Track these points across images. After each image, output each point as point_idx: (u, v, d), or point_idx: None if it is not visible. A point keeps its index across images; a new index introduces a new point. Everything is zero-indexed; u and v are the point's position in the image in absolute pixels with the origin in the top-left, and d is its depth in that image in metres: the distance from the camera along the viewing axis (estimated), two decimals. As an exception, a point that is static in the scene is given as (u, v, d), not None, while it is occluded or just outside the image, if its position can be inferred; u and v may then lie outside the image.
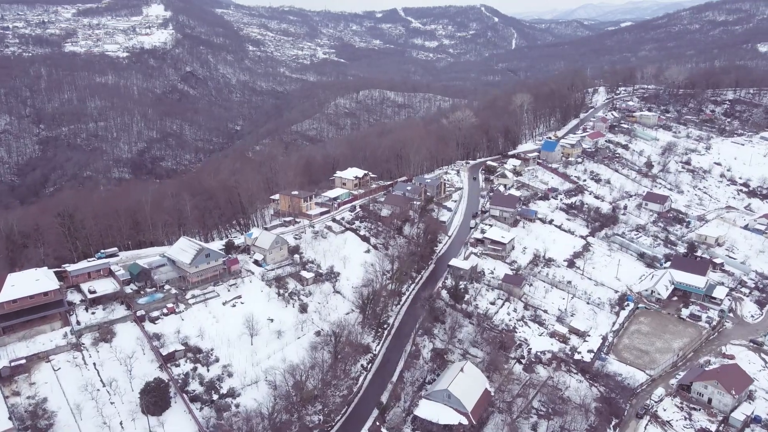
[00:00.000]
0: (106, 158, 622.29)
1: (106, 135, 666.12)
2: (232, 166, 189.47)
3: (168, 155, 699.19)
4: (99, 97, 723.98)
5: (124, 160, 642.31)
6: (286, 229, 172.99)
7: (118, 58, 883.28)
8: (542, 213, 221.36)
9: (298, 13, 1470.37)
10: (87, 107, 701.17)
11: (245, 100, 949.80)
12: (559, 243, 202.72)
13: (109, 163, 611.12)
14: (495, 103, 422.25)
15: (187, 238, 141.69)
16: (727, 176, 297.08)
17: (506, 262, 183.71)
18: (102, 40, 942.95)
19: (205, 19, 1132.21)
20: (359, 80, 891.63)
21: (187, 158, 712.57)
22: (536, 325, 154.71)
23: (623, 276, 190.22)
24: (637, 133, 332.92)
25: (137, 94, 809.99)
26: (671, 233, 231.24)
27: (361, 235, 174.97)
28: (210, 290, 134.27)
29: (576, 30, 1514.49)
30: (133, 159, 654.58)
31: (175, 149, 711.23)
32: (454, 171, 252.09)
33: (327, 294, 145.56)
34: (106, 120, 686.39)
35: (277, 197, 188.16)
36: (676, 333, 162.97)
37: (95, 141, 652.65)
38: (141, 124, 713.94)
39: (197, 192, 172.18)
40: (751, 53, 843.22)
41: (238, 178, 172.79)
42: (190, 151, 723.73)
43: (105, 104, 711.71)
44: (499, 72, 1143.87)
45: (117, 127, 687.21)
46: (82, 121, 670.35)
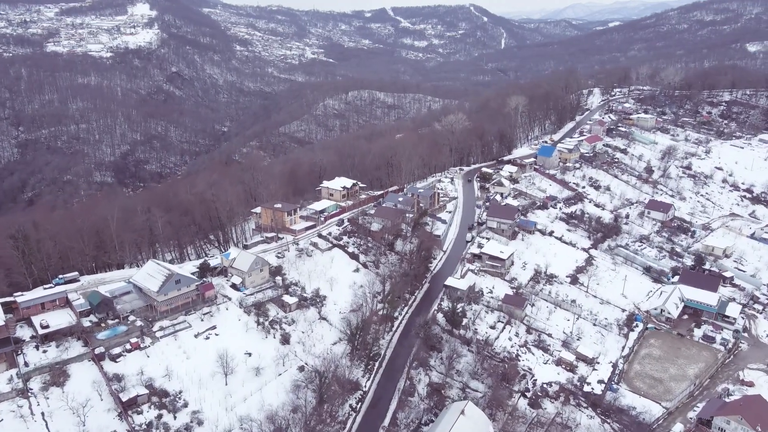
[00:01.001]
0: (88, 162, 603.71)
1: (88, 137, 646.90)
2: (209, 178, 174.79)
3: (152, 158, 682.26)
4: (81, 99, 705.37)
5: (106, 163, 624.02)
6: (268, 246, 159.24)
7: (102, 59, 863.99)
8: (541, 224, 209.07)
9: (287, 13, 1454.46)
10: (68, 109, 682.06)
11: (232, 101, 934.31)
12: (561, 257, 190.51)
13: (91, 167, 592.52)
14: (488, 104, 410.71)
15: (155, 262, 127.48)
16: (729, 182, 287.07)
17: (506, 279, 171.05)
18: (85, 40, 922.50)
19: (191, 19, 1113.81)
20: (348, 80, 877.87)
21: (172, 161, 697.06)
22: (540, 352, 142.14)
23: (630, 292, 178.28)
24: (635, 136, 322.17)
25: (121, 95, 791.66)
26: (676, 244, 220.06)
27: (349, 253, 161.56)
28: (181, 321, 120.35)
29: (565, 30, 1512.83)
30: (116, 162, 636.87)
31: (159, 152, 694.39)
32: (448, 179, 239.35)
33: (312, 321, 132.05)
34: (88, 122, 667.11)
35: (259, 210, 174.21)
36: (690, 357, 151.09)
37: (77, 144, 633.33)
38: (124, 126, 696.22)
39: (171, 207, 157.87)
40: (740, 53, 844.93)
41: (216, 191, 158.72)
42: (176, 153, 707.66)
43: (87, 106, 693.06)
44: (488, 72, 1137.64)
45: (99, 129, 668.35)
46: (63, 123, 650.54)
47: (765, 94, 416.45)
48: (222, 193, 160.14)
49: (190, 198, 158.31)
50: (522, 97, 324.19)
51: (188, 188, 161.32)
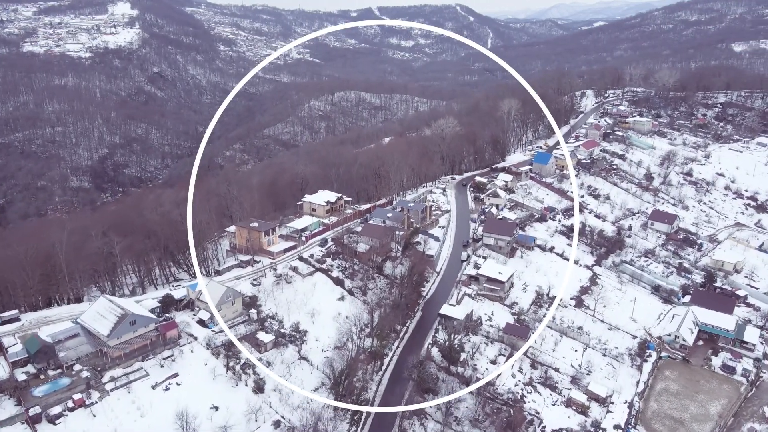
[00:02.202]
0: (64, 166, 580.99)
1: (64, 141, 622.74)
2: (177, 195, 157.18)
3: (132, 162, 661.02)
4: (58, 100, 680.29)
5: (83, 167, 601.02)
6: (243, 271, 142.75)
7: (80, 59, 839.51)
8: (541, 238, 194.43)
9: (272, 12, 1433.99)
10: (44, 111, 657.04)
11: (216, 102, 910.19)
12: (563, 275, 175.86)
13: (67, 172, 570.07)
14: (478, 106, 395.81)
15: (107, 299, 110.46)
16: (732, 189, 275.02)
17: (505, 304, 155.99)
18: (63, 40, 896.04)
19: (174, 18, 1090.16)
20: (334, 81, 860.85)
21: (153, 164, 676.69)
22: (548, 391, 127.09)
23: (639, 315, 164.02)
24: (632, 141, 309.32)
25: (100, 97, 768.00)
26: (683, 258, 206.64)
27: (333, 278, 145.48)
28: (137, 368, 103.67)
29: (550, 29, 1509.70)
30: (94, 166, 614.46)
31: (140, 155, 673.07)
32: (440, 189, 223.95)
33: (290, 363, 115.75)
34: (65, 125, 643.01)
35: (233, 230, 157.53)
36: (711, 392, 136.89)
37: (52, 147, 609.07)
38: (103, 128, 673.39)
39: (131, 229, 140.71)
40: (726, 53, 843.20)
41: (184, 211, 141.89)
42: (157, 156, 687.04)
43: (64, 108, 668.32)
44: (476, 72, 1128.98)
45: (77, 132, 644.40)
46: (38, 126, 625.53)
47: (760, 95, 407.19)
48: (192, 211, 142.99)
49: (155, 218, 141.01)
50: (515, 100, 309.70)
51: (154, 206, 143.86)
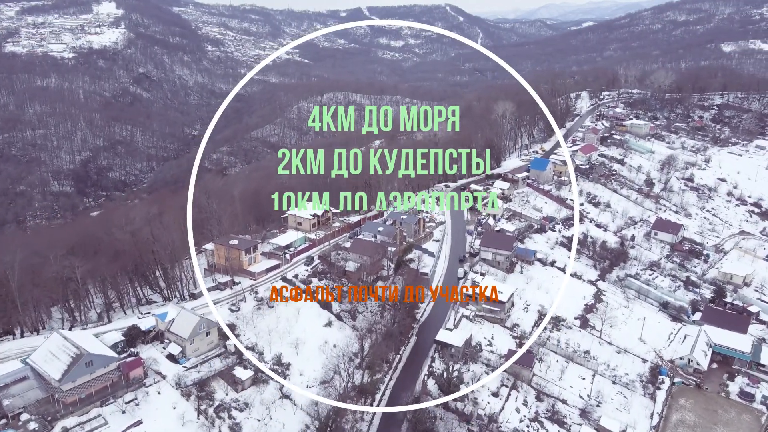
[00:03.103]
0: (44, 170, 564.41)
1: (45, 144, 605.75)
2: (147, 211, 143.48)
3: (116, 165, 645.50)
4: (39, 102, 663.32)
5: (65, 171, 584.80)
6: (221, 294, 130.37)
7: (63, 59, 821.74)
8: (541, 251, 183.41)
9: (260, 12, 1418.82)
10: (25, 113, 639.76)
11: (203, 103, 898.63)
12: (566, 292, 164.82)
13: (47, 176, 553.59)
14: (471, 108, 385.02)
15: (61, 335, 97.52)
16: (735, 195, 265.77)
17: (506, 326, 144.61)
18: (47, 40, 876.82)
19: (160, 18, 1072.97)
20: (323, 81, 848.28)
21: (138, 167, 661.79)
22: (556, 427, 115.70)
23: (648, 335, 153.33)
24: (631, 145, 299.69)
25: (83, 98, 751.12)
26: (690, 270, 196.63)
27: (320, 301, 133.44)
28: (94, 416, 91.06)
29: (540, 29, 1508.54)
30: (76, 170, 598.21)
31: (124, 158, 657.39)
32: (434, 198, 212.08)
33: (271, 403, 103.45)
34: (46, 127, 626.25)
35: (212, 247, 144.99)
36: (730, 423, 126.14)
37: (33, 151, 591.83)
38: (86, 131, 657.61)
39: (97, 250, 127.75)
40: (716, 53, 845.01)
41: (156, 230, 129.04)
42: (142, 159, 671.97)
43: (46, 110, 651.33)
44: (466, 72, 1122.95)
45: (59, 134, 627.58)
46: (19, 128, 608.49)
47: (756, 97, 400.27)
48: (164, 230, 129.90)
49: (124, 237, 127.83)
50: (509, 102, 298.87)
51: (122, 224, 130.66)
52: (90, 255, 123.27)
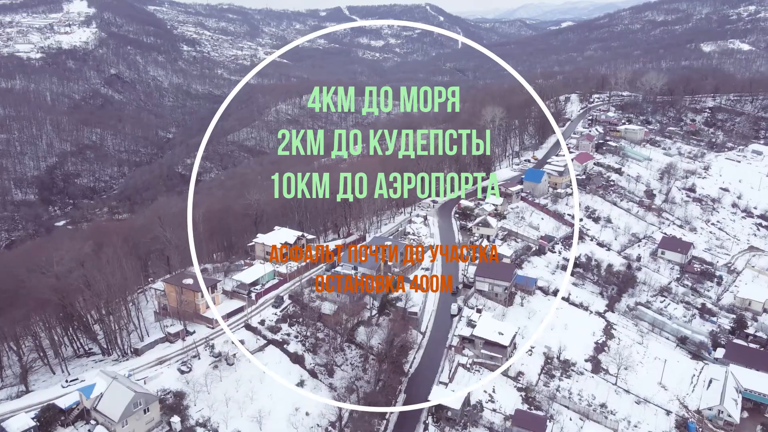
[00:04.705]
0: (6, 177, 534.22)
1: (8, 150, 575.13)
2: (78, 250, 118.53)
3: (85, 170, 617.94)
4: (2, 105, 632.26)
5: (28, 179, 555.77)
6: (171, 349, 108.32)
7: (30, 60, 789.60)
8: (542, 278, 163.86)
9: (238, 11, 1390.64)
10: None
11: (178, 105, 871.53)
12: (573, 328, 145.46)
13: (9, 184, 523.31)
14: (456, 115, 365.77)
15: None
16: (740, 206, 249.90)
17: (509, 374, 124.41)
18: (13, 40, 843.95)
19: (134, 17, 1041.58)
20: (303, 83, 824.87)
21: (108, 173, 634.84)
22: None
23: (669, 379, 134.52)
24: (627, 152, 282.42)
25: (50, 101, 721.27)
26: (703, 295, 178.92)
27: (290, 353, 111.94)
28: None
29: (520, 29, 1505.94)
30: (41, 177, 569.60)
31: (93, 163, 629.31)
32: (420, 217, 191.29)
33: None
34: (9, 132, 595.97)
35: (163, 287, 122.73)
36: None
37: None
38: (53, 135, 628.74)
39: (10, 301, 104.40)
40: (696, 53, 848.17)
41: (90, 271, 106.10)
42: (112, 164, 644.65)
43: (9, 113, 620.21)
44: (447, 72, 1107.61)
45: (22, 139, 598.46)
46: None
47: (749, 99, 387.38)
48: (100, 269, 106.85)
49: (49, 282, 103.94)
50: (499, 108, 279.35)
51: (47, 264, 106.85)
52: (4, 304, 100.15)
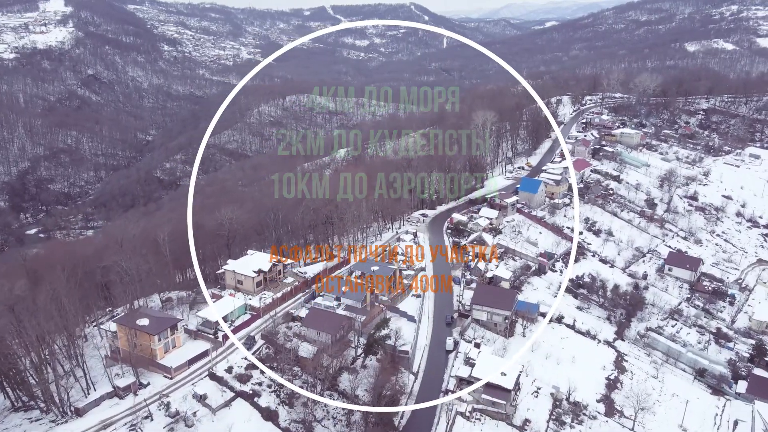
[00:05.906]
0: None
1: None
2: (8, 291, 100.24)
3: (59, 175, 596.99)
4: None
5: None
6: (120, 407, 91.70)
7: (3, 60, 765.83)
8: (543, 302, 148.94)
9: (221, 11, 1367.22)
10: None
11: (158, 106, 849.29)
12: (581, 361, 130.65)
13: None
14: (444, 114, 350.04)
15: None
16: (745, 215, 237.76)
17: (514, 423, 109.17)
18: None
19: (112, 16, 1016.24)
20: (286, 83, 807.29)
21: (83, 178, 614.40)
22: None
23: (690, 422, 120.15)
24: (624, 158, 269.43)
25: (23, 103, 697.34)
26: (716, 317, 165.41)
27: (262, 408, 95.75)
28: None
29: (504, 29, 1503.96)
30: (12, 183, 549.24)
31: (68, 167, 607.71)
32: (410, 234, 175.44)
33: None
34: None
35: (115, 329, 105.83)
36: None
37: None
38: (25, 138, 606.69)
39: None
40: (680, 53, 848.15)
41: (20, 316, 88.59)
42: (89, 168, 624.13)
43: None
44: (433, 72, 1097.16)
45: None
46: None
47: (743, 100, 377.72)
48: (33, 318, 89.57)
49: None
50: (491, 112, 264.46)
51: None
52: None
